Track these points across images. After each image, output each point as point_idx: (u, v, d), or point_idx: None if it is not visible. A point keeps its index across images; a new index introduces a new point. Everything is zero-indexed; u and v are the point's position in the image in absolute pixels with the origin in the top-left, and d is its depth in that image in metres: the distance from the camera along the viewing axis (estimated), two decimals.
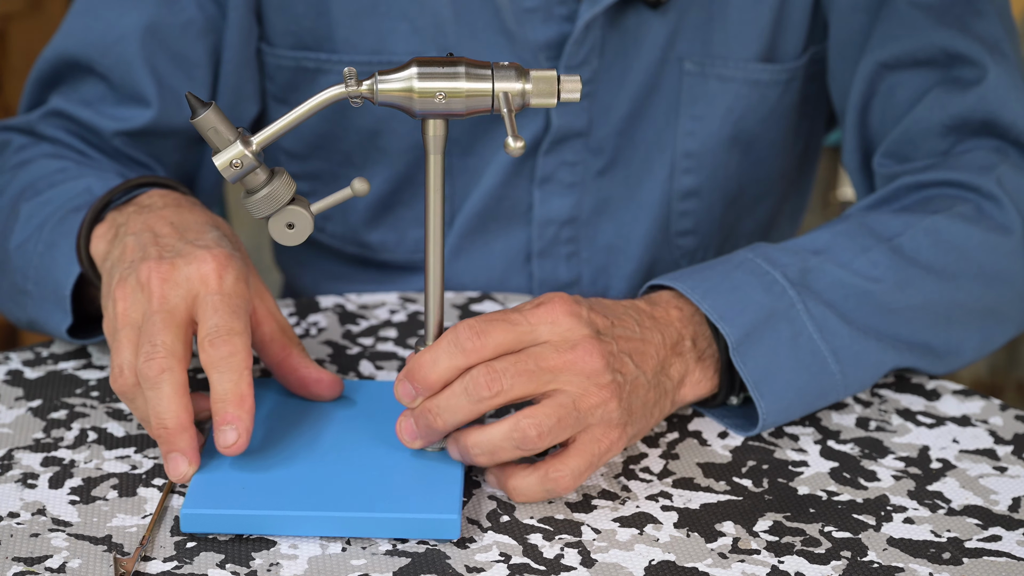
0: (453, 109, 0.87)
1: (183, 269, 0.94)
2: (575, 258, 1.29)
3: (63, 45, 1.19)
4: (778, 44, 1.23)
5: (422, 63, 0.87)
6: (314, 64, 1.23)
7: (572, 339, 0.91)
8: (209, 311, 0.92)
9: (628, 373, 0.93)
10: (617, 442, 0.92)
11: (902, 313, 1.05)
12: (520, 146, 0.85)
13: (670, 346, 0.97)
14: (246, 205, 0.90)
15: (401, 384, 0.91)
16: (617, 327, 0.94)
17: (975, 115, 1.16)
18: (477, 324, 0.90)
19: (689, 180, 1.27)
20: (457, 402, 0.89)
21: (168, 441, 0.90)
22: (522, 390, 0.89)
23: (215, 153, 0.88)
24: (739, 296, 1.00)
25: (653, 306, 0.99)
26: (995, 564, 0.89)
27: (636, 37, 1.21)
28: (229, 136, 0.88)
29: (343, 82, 0.87)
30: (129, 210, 1.03)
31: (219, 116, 0.87)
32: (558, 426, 0.89)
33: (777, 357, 0.99)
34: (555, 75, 0.87)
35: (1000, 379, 2.42)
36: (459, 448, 0.91)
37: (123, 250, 0.98)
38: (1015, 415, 1.05)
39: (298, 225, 0.90)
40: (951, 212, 1.10)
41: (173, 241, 0.97)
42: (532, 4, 1.19)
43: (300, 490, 0.90)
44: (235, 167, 0.88)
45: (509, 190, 1.26)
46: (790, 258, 1.04)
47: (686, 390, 0.99)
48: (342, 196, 0.90)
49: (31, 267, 1.07)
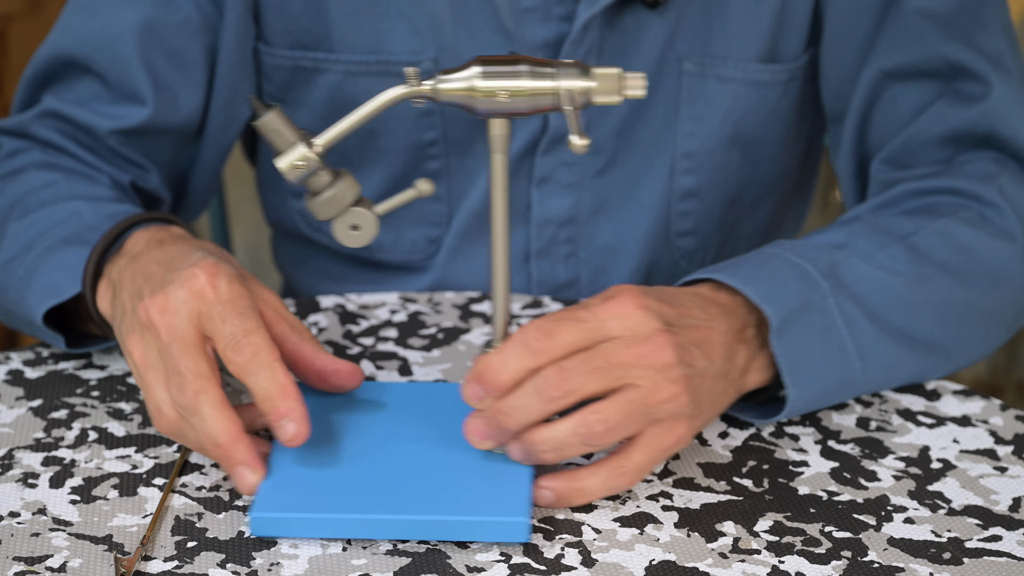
0: (517, 108, 0.87)
1: (176, 294, 0.92)
2: (574, 258, 1.29)
3: (58, 44, 1.19)
4: (779, 44, 1.23)
5: (484, 62, 0.87)
6: (312, 64, 1.23)
7: (643, 333, 0.90)
8: (218, 322, 0.91)
9: (698, 365, 0.92)
10: (684, 436, 0.92)
11: (920, 309, 1.05)
12: (585, 144, 0.84)
13: (735, 333, 0.97)
14: (310, 207, 0.89)
15: (469, 386, 0.90)
16: (685, 317, 0.93)
17: (977, 129, 1.16)
18: (545, 324, 0.89)
19: (688, 181, 1.27)
20: (528, 402, 0.88)
21: (227, 457, 0.89)
22: (593, 388, 0.88)
23: (277, 155, 0.87)
24: (777, 283, 1.00)
25: (715, 294, 0.99)
26: (995, 564, 0.89)
27: (634, 37, 1.21)
28: (292, 138, 0.87)
29: (405, 81, 0.87)
30: (120, 263, 1.01)
31: (282, 118, 0.87)
32: (625, 421, 0.89)
33: (809, 347, 0.99)
34: (618, 72, 0.87)
35: (1000, 379, 2.42)
36: (524, 446, 0.90)
37: (123, 306, 0.97)
38: (1015, 415, 1.05)
39: (363, 227, 0.90)
40: (957, 217, 1.11)
41: (161, 275, 0.96)
42: (530, 4, 1.19)
43: (368, 493, 0.90)
44: (298, 169, 0.87)
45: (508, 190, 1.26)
46: (816, 252, 1.04)
47: (751, 377, 0.99)
48: (407, 197, 0.89)
49: (12, 288, 1.07)
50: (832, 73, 1.24)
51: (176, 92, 1.19)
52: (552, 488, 0.91)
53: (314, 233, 1.33)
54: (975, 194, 1.13)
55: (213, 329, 0.91)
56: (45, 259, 1.05)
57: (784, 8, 1.22)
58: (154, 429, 1.00)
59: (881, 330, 1.03)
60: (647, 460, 0.91)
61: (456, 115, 1.23)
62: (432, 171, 1.26)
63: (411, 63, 1.21)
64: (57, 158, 1.17)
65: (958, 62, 1.17)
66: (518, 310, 1.18)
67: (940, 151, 1.18)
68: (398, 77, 1.21)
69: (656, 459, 0.91)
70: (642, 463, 0.91)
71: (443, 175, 1.26)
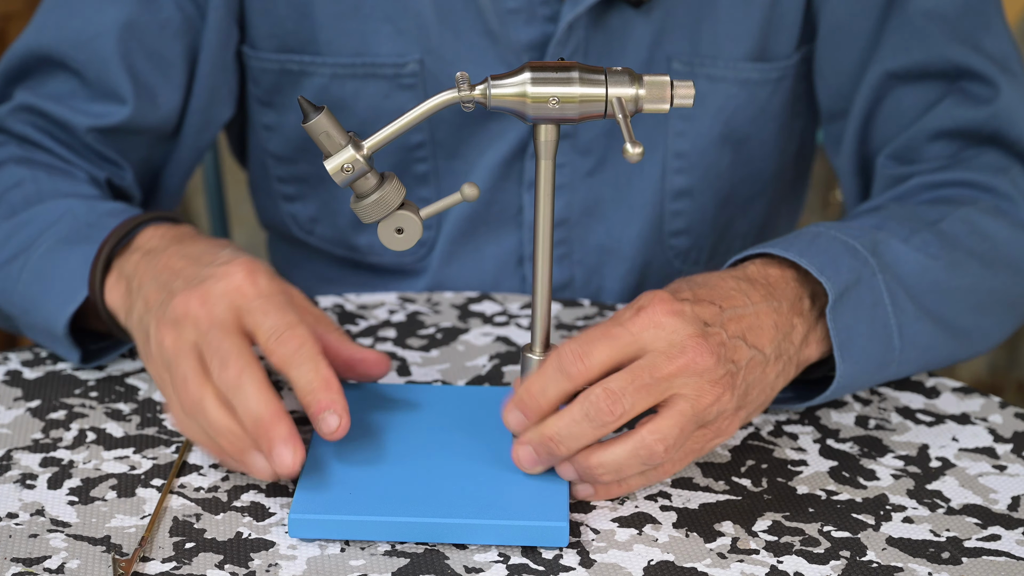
0: (566, 114, 0.87)
1: (215, 287, 0.92)
2: (567, 260, 1.29)
3: (35, 40, 1.18)
4: (769, 43, 1.23)
5: (535, 68, 0.86)
6: (298, 67, 1.23)
7: (680, 342, 0.89)
8: (260, 316, 0.91)
9: (742, 358, 0.92)
10: (728, 429, 0.92)
11: (953, 294, 1.06)
12: (639, 152, 0.83)
13: (788, 307, 0.97)
14: (355, 210, 0.89)
15: (511, 414, 0.90)
16: (727, 310, 0.93)
17: (984, 129, 1.17)
18: (579, 347, 0.89)
19: (681, 180, 1.27)
20: (580, 429, 0.88)
21: (267, 434, 0.87)
22: (643, 405, 0.88)
23: (326, 157, 0.87)
24: (831, 257, 0.99)
25: (765, 270, 0.98)
26: (994, 563, 0.89)
27: (621, 37, 1.21)
28: (341, 140, 0.87)
29: (455, 87, 0.87)
30: (134, 258, 1.01)
31: (331, 120, 0.87)
32: (681, 436, 0.89)
33: (858, 323, 0.99)
34: (668, 80, 0.86)
35: (1000, 378, 2.42)
36: (581, 469, 0.90)
37: (145, 300, 0.97)
38: (1015, 413, 1.05)
39: (407, 230, 0.90)
40: (977, 206, 1.12)
41: (193, 271, 0.96)
42: (514, 5, 1.19)
43: (405, 496, 0.90)
44: (346, 171, 0.87)
45: (498, 194, 1.26)
46: (858, 232, 1.03)
47: (810, 349, 0.99)
48: (452, 201, 0.89)
49: (15, 293, 1.06)
50: (830, 72, 1.24)
51: (155, 92, 1.18)
52: (581, 491, 0.92)
53: (306, 236, 1.33)
54: (989, 186, 1.14)
55: (254, 323, 0.91)
56: (49, 261, 1.05)
57: (774, 7, 1.21)
58: (152, 430, 1.00)
59: (920, 311, 1.03)
60: (684, 457, 0.92)
61: (444, 118, 1.23)
62: (420, 173, 1.25)
63: (396, 65, 1.21)
64: (33, 153, 1.16)
65: (964, 65, 1.17)
66: (517, 310, 1.18)
67: (946, 146, 1.18)
68: (384, 79, 1.21)
69: (696, 453, 0.92)
70: (679, 459, 0.92)
71: (431, 177, 1.26)
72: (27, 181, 1.12)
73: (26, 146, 1.17)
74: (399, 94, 1.22)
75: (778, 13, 1.22)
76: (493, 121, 1.23)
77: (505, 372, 1.08)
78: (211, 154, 1.58)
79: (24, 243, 1.07)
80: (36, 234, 1.07)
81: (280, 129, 1.27)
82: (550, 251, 0.91)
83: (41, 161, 1.16)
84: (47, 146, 1.17)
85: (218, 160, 1.60)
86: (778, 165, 1.31)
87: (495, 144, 1.24)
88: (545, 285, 0.91)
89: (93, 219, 1.06)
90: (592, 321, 1.16)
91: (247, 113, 1.30)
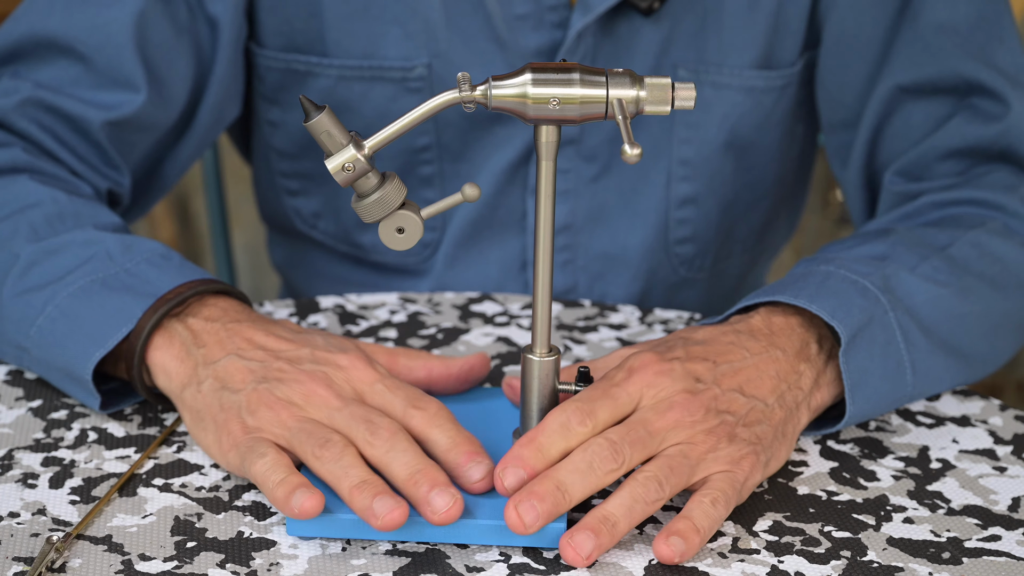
0: (567, 115, 0.86)
1: (337, 375, 0.94)
2: (571, 265, 1.29)
3: (38, 23, 1.14)
4: (774, 51, 1.23)
5: (536, 69, 0.86)
6: (304, 67, 1.23)
7: (669, 399, 0.91)
8: (388, 395, 0.93)
9: (739, 409, 0.93)
10: (753, 470, 0.92)
11: (965, 320, 1.06)
12: (637, 153, 0.83)
13: (794, 355, 0.97)
14: (356, 209, 0.89)
15: (511, 472, 0.88)
16: (721, 364, 0.94)
17: (995, 146, 1.17)
18: (584, 406, 0.90)
19: (686, 188, 1.27)
20: (585, 479, 0.88)
21: (428, 478, 0.87)
22: (640, 456, 0.89)
23: (327, 157, 0.87)
24: (842, 300, 1.00)
25: (770, 319, 0.99)
26: (995, 564, 0.89)
27: (629, 45, 1.21)
28: (342, 140, 0.87)
29: (456, 87, 0.87)
30: (197, 326, 0.99)
31: (332, 120, 0.87)
32: (673, 473, 0.89)
33: (872, 363, 0.99)
34: (669, 82, 0.86)
35: (1000, 380, 2.42)
36: (594, 521, 0.87)
37: (226, 373, 0.95)
38: (1015, 415, 1.05)
39: (408, 229, 0.90)
40: (986, 228, 1.11)
41: (299, 353, 0.96)
42: (523, 11, 1.19)
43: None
44: (347, 171, 0.87)
45: (502, 198, 1.26)
46: (866, 267, 1.03)
47: (822, 393, 0.99)
48: (453, 201, 0.89)
49: (35, 325, 1.01)
50: (834, 82, 1.23)
51: (165, 85, 1.17)
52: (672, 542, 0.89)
53: (310, 230, 1.33)
54: (999, 204, 1.14)
55: (384, 401, 0.93)
56: (82, 302, 1.00)
57: (779, 15, 1.21)
58: (154, 430, 1.00)
59: (932, 343, 1.03)
60: (716, 503, 0.90)
61: (450, 121, 1.23)
62: (425, 176, 1.26)
63: (404, 68, 1.21)
64: (42, 162, 1.12)
65: (976, 80, 1.17)
66: (517, 310, 1.18)
67: (955, 164, 1.18)
68: (391, 82, 1.21)
69: (730, 496, 0.90)
70: (712, 514, 0.89)
71: (436, 180, 1.26)
72: (46, 202, 1.07)
73: (32, 150, 1.13)
74: (406, 97, 1.22)
75: (783, 21, 1.22)
76: (499, 126, 1.23)
77: (506, 372, 1.08)
78: (211, 153, 1.58)
79: (52, 275, 1.02)
80: (66, 269, 1.02)
81: (284, 125, 1.27)
82: (551, 252, 0.91)
83: (51, 174, 1.12)
84: (53, 151, 1.14)
85: (218, 160, 1.60)
86: (781, 170, 1.32)
87: (501, 149, 1.24)
88: (546, 286, 0.91)
89: (130, 265, 1.01)
90: (592, 322, 1.16)
91: (252, 108, 1.30)
